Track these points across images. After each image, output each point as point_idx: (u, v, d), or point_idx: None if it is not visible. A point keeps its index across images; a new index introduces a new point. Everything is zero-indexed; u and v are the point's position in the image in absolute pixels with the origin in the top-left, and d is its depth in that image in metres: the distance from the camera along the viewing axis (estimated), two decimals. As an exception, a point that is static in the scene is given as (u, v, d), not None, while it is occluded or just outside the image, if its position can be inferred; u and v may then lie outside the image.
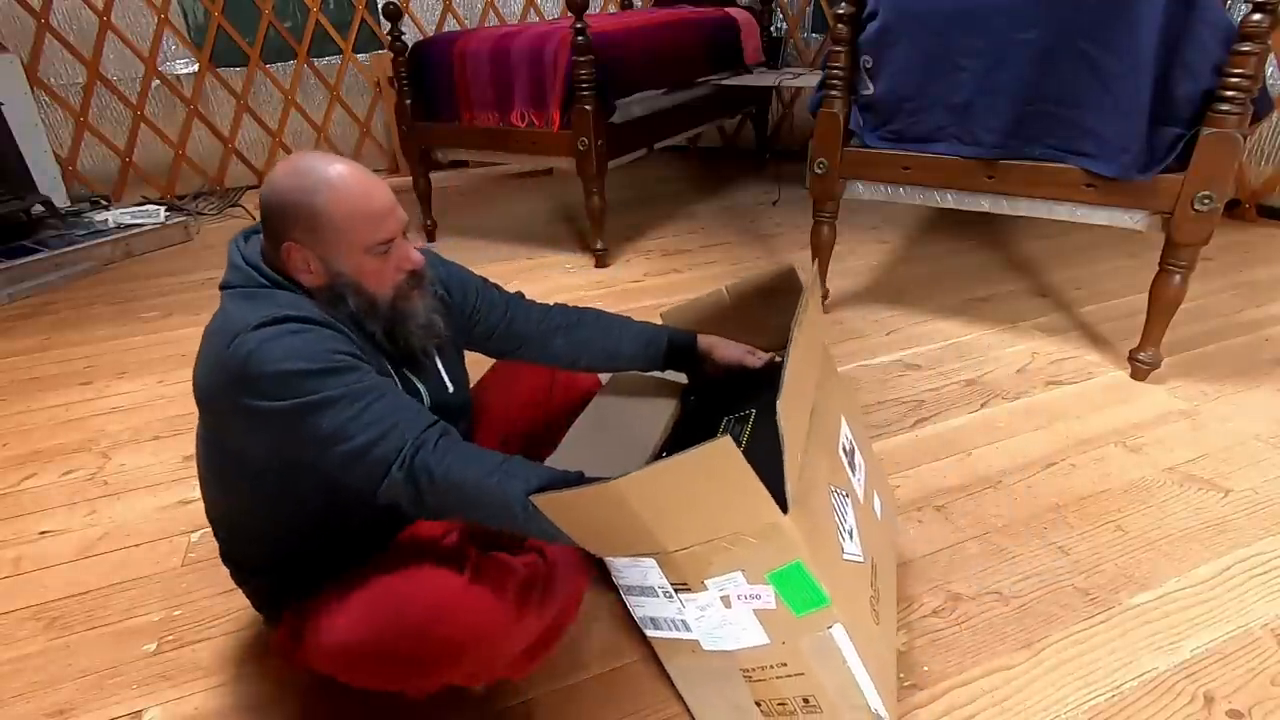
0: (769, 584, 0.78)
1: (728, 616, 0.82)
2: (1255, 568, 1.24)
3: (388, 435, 0.81)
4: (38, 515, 1.52)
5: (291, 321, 0.83)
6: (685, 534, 0.79)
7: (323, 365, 0.81)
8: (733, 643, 0.84)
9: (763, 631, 0.82)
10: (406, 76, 2.81)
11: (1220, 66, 1.50)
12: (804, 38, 3.91)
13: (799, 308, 0.95)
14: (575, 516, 0.82)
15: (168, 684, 1.12)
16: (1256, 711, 1.00)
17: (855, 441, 1.05)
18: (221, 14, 3.56)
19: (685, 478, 0.74)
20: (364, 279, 0.90)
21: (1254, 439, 1.58)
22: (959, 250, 2.75)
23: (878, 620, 0.89)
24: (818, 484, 0.86)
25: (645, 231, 3.14)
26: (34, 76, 3.35)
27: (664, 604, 0.86)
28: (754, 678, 0.87)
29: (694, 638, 0.87)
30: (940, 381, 1.86)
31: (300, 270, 0.89)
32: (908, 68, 1.83)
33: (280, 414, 0.81)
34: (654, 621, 0.89)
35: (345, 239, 0.87)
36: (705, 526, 0.78)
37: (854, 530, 0.91)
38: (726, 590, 0.80)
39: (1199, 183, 1.57)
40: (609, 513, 0.78)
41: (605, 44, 2.50)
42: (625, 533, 0.81)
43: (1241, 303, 2.24)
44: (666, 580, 0.83)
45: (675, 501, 0.76)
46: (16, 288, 2.69)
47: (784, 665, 0.84)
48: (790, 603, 0.79)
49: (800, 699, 0.87)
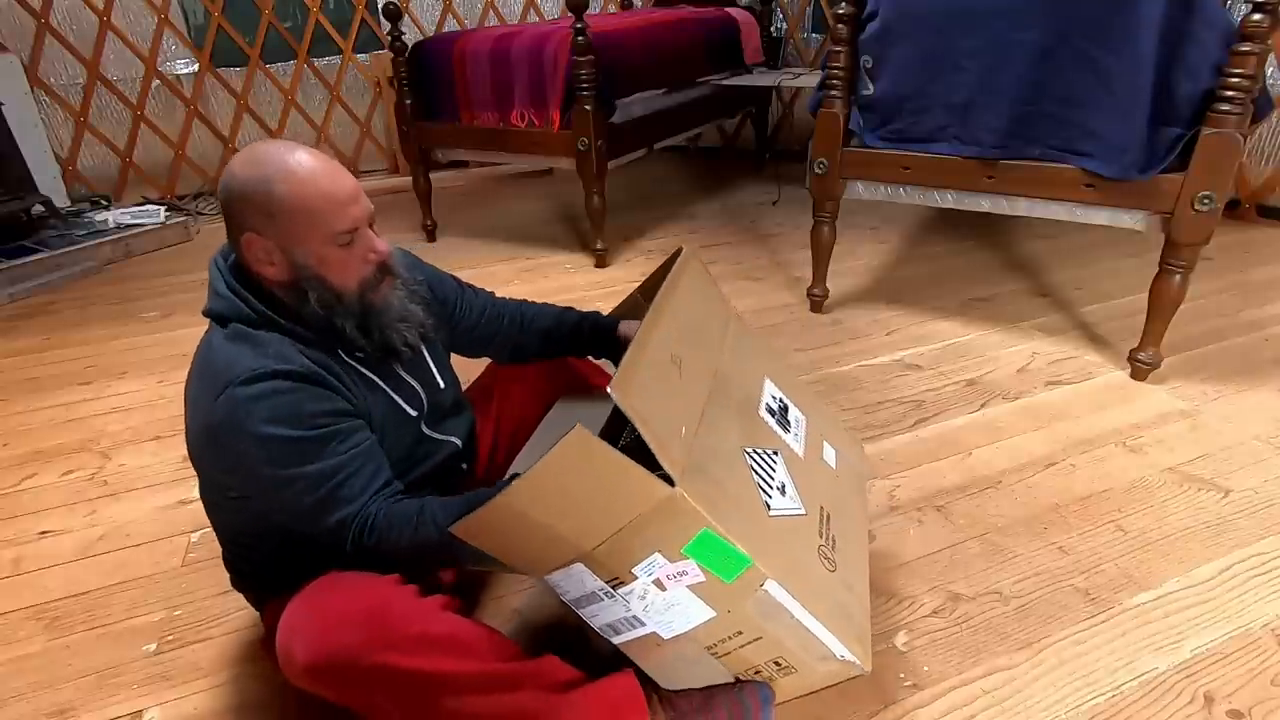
0: (689, 558, 0.78)
1: (668, 599, 0.82)
2: (1255, 568, 1.24)
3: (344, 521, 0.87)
4: (38, 515, 1.52)
5: (279, 378, 0.84)
6: (593, 529, 0.79)
7: (303, 433, 0.84)
8: (685, 623, 0.84)
9: (705, 605, 0.82)
10: (406, 76, 2.81)
11: (1220, 66, 1.50)
12: (804, 38, 3.90)
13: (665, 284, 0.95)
14: (493, 539, 0.84)
15: (168, 684, 1.13)
16: (1256, 711, 1.00)
17: (789, 399, 1.05)
18: (221, 14, 3.56)
19: (563, 475, 0.74)
20: (328, 271, 0.88)
21: (1254, 439, 1.58)
22: (959, 250, 2.75)
23: (833, 567, 0.89)
24: (723, 449, 0.85)
25: (645, 231, 3.14)
26: (34, 76, 3.34)
27: (611, 605, 0.86)
28: (720, 652, 0.87)
29: (652, 630, 0.87)
30: (940, 381, 1.86)
31: (262, 263, 0.87)
32: (908, 68, 1.83)
33: (254, 475, 0.86)
34: (613, 628, 0.89)
35: (305, 228, 0.85)
36: (607, 517, 0.78)
37: (786, 485, 0.91)
38: (655, 574, 0.81)
39: (1199, 183, 1.57)
40: (516, 526, 0.80)
41: (605, 44, 2.50)
42: (542, 543, 0.82)
43: (1241, 303, 2.24)
44: (600, 580, 0.83)
45: (568, 500, 0.77)
46: (16, 288, 2.69)
47: (740, 634, 0.84)
48: (717, 571, 0.79)
49: (772, 663, 0.87)
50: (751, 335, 1.13)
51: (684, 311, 0.95)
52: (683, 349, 0.90)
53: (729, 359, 1.00)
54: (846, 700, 1.04)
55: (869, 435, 1.64)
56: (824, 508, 0.95)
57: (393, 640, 0.79)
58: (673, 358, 0.87)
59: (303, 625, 0.81)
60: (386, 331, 0.94)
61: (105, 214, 3.24)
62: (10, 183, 2.95)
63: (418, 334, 0.99)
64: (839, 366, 1.96)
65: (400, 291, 0.96)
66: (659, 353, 0.85)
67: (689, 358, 0.91)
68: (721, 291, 1.13)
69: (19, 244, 2.89)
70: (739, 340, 1.07)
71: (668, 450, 0.74)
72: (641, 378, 0.79)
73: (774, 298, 2.42)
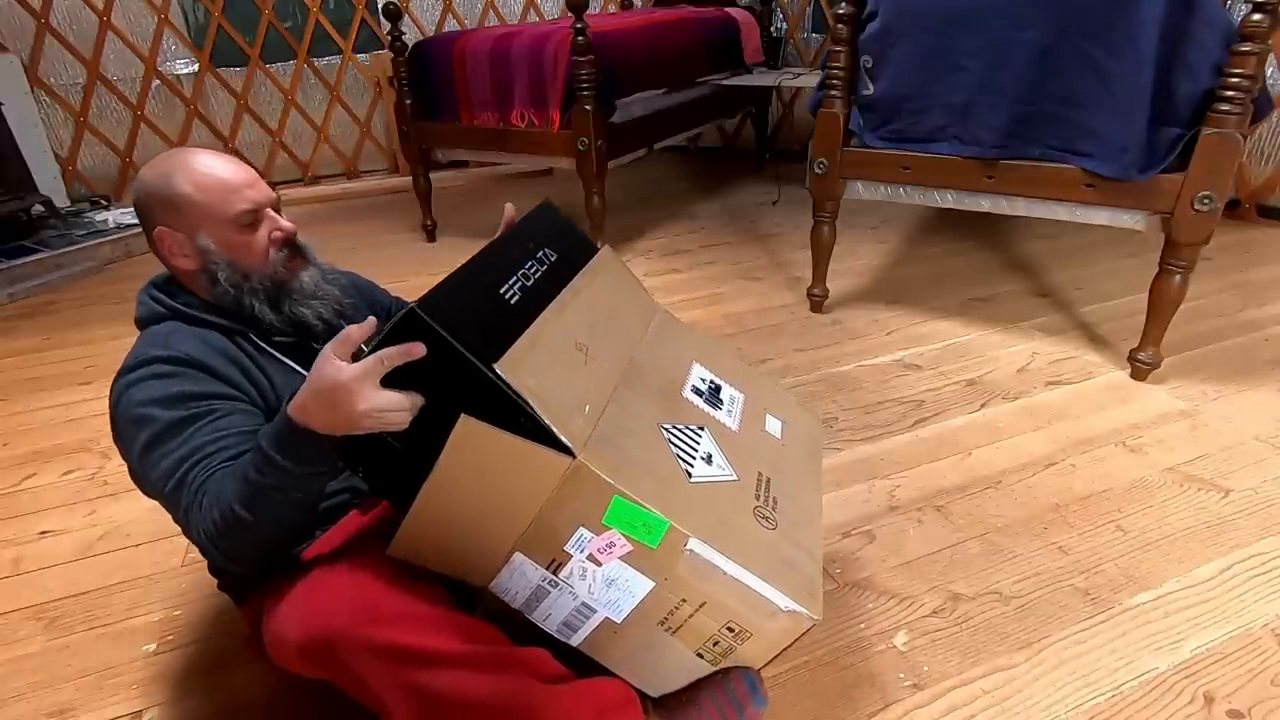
0: (611, 528, 0.80)
1: (606, 574, 0.84)
2: (1255, 568, 1.24)
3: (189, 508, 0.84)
4: (38, 515, 1.52)
5: (158, 363, 0.88)
6: (517, 514, 0.80)
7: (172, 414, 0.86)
8: (630, 599, 0.86)
9: (642, 576, 0.83)
10: (406, 76, 2.81)
11: (1220, 66, 1.50)
12: (804, 38, 3.91)
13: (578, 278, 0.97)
14: (430, 552, 0.85)
15: (167, 684, 1.13)
16: (1256, 711, 1.00)
17: (723, 380, 1.08)
18: (221, 14, 3.56)
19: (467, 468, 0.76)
20: (234, 253, 0.93)
21: (1254, 439, 1.58)
22: (959, 250, 2.76)
23: (773, 525, 0.90)
24: (635, 427, 0.88)
25: (645, 231, 3.14)
26: (34, 76, 3.35)
27: (558, 598, 0.87)
28: (672, 626, 0.88)
29: (603, 616, 0.87)
30: (940, 381, 1.86)
31: (175, 255, 0.93)
32: (908, 68, 1.83)
33: (136, 461, 0.88)
34: (568, 625, 0.89)
35: (204, 213, 0.91)
36: (525, 500, 0.79)
37: (713, 455, 0.93)
38: (586, 548, 0.82)
39: (1199, 183, 1.57)
40: (444, 531, 0.82)
41: (605, 44, 2.50)
42: (475, 541, 0.83)
43: (1241, 303, 2.24)
44: (540, 568, 0.84)
45: (483, 491, 0.79)
46: (16, 288, 2.69)
47: (684, 601, 0.85)
48: (640, 537, 0.81)
49: (725, 629, 0.87)
50: (682, 327, 1.16)
51: (596, 305, 0.98)
52: (591, 339, 0.92)
53: (648, 348, 1.03)
54: (846, 700, 1.05)
55: (869, 435, 1.65)
56: (762, 473, 0.96)
57: (380, 616, 0.80)
58: (577, 345, 0.89)
59: (294, 609, 0.84)
60: (297, 307, 0.98)
61: (105, 214, 3.24)
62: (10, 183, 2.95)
63: (334, 311, 1.01)
64: (839, 366, 1.96)
65: (313, 271, 1.00)
66: (561, 340, 0.87)
67: (598, 347, 0.92)
68: (644, 288, 1.15)
69: (19, 244, 2.89)
70: (663, 331, 1.10)
71: (565, 424, 0.76)
72: (535, 359, 0.80)
73: (774, 298, 2.42)
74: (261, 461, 0.77)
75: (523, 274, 0.89)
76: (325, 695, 1.06)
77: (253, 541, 0.83)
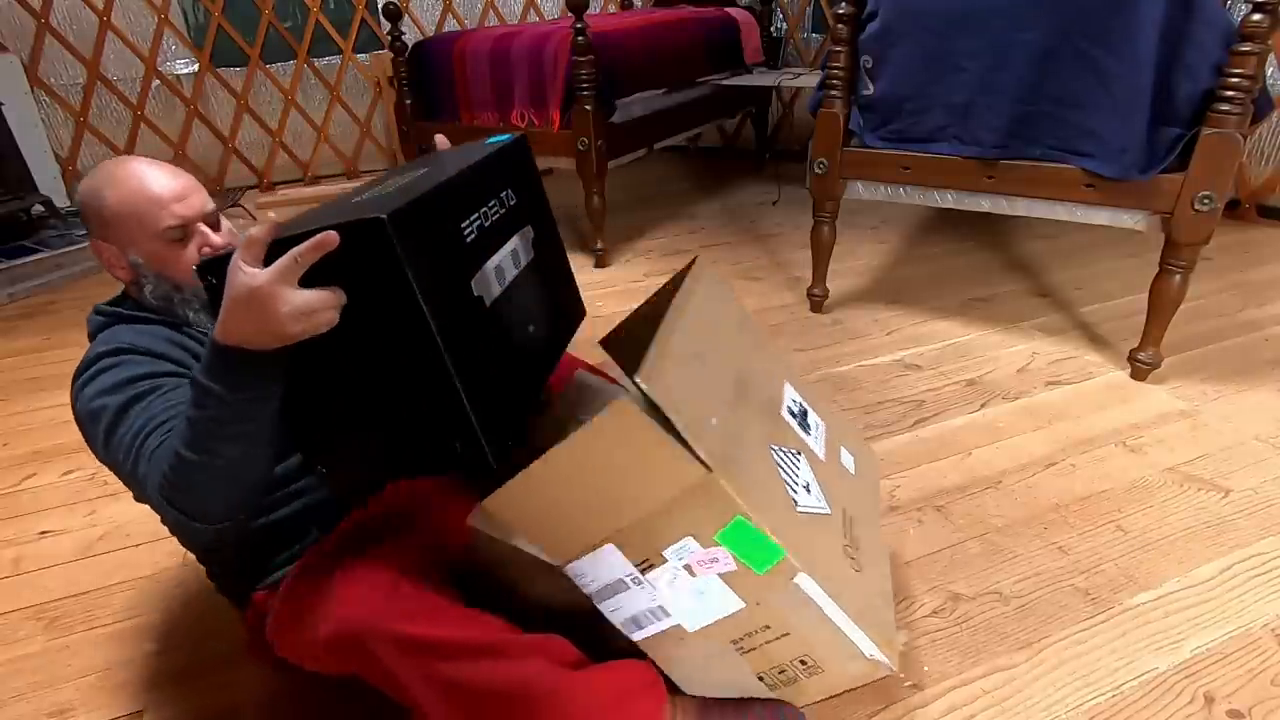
0: (721, 545, 0.78)
1: (697, 586, 0.82)
2: (1255, 568, 1.24)
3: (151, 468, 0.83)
4: (38, 515, 1.52)
5: (103, 358, 0.89)
6: (628, 506, 0.79)
7: (121, 398, 0.86)
8: (711, 614, 0.84)
9: (735, 596, 0.82)
10: (406, 76, 2.81)
11: (1220, 66, 1.50)
12: (804, 38, 3.91)
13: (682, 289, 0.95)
14: (522, 516, 0.82)
15: (167, 684, 1.13)
16: (1257, 711, 1.00)
17: (806, 404, 1.06)
18: (221, 14, 3.56)
19: (603, 447, 0.74)
20: (164, 267, 0.93)
21: (1254, 439, 1.58)
22: (959, 250, 2.75)
23: (858, 567, 0.89)
24: (752, 443, 0.86)
25: (645, 231, 3.14)
26: (34, 76, 3.35)
27: (637, 594, 0.85)
28: (745, 647, 0.87)
29: (676, 622, 0.86)
30: (940, 381, 1.86)
31: (114, 267, 0.95)
32: (908, 68, 1.83)
33: (96, 448, 0.89)
34: (635, 621, 0.88)
35: (132, 227, 0.91)
36: (642, 495, 0.77)
37: (811, 484, 0.91)
38: (685, 558, 0.80)
39: (1199, 183, 1.57)
40: (549, 500, 0.79)
41: (605, 44, 2.50)
42: (574, 518, 0.81)
43: (1241, 303, 2.24)
44: (630, 563, 0.83)
45: (607, 474, 0.76)
46: (16, 288, 2.69)
47: (767, 628, 0.84)
48: (749, 560, 0.79)
49: (797, 661, 0.87)
50: (769, 340, 1.14)
51: (703, 315, 0.95)
52: (704, 349, 0.90)
53: (749, 362, 1.00)
54: (846, 700, 1.04)
55: (869, 435, 1.64)
56: (846, 510, 0.95)
57: (407, 610, 0.81)
58: (695, 354, 0.87)
59: (321, 605, 0.84)
60: None
61: (105, 214, 3.23)
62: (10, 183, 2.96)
63: None
64: (839, 366, 1.96)
65: None
66: (682, 349, 0.85)
67: (711, 358, 0.91)
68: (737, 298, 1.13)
69: (19, 244, 2.89)
70: (757, 344, 1.07)
71: (701, 438, 0.74)
72: (668, 368, 0.78)
73: (774, 298, 2.42)
74: (198, 394, 0.74)
75: (484, 212, 0.85)
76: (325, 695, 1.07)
77: (205, 487, 0.79)
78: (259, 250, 0.69)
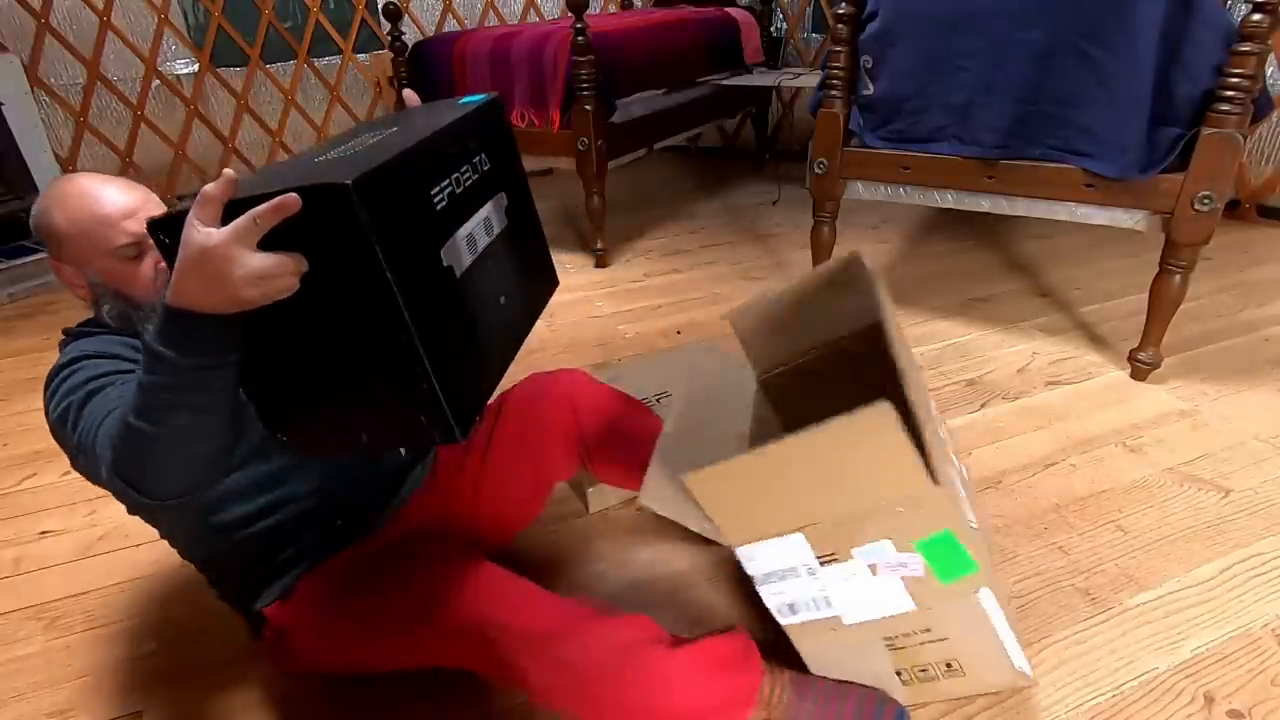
0: (917, 552, 0.79)
1: (873, 585, 0.82)
2: (1255, 568, 1.24)
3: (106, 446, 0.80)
4: (38, 515, 1.52)
5: (64, 368, 0.88)
6: (840, 501, 0.78)
7: (81, 397, 0.84)
8: (876, 612, 0.85)
9: (909, 599, 0.83)
10: (406, 77, 2.81)
11: (1220, 66, 1.50)
12: (804, 38, 3.90)
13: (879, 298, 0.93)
14: (721, 492, 0.80)
15: (167, 684, 1.13)
16: (1257, 711, 1.00)
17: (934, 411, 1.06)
18: (221, 14, 3.56)
19: (843, 443, 0.73)
20: (121, 284, 0.91)
21: (1254, 439, 1.58)
22: (959, 250, 2.75)
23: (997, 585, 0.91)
24: (946, 456, 0.86)
25: (645, 231, 3.14)
26: (34, 76, 3.34)
27: (806, 583, 0.85)
28: (896, 645, 0.88)
29: (835, 614, 0.86)
30: (940, 381, 1.86)
31: (73, 285, 0.93)
32: (908, 68, 1.83)
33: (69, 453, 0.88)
34: (792, 607, 0.88)
35: (87, 248, 0.90)
36: (861, 494, 0.77)
37: (969, 500, 0.92)
38: (874, 560, 0.81)
39: (1199, 183, 1.57)
40: (762, 483, 0.78)
41: (605, 44, 2.50)
42: (775, 505, 0.80)
43: (1241, 303, 2.23)
44: (813, 555, 0.82)
45: (833, 468, 0.76)
46: (16, 288, 2.70)
47: (927, 631, 0.85)
48: (938, 570, 0.80)
49: (943, 664, 0.88)
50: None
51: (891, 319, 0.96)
52: (910, 360, 0.90)
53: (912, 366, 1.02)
54: (846, 700, 1.04)
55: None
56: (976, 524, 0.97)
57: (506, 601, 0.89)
58: (916, 366, 0.90)
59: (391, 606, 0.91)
60: None
61: (105, 214, 3.23)
62: (10, 182, 2.96)
63: None
64: (839, 366, 1.96)
65: None
66: (909, 360, 0.86)
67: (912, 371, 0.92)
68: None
69: (19, 244, 2.89)
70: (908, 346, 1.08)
71: (933, 451, 0.75)
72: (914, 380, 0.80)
73: (774, 298, 2.41)
74: (149, 359, 0.70)
75: (456, 179, 0.80)
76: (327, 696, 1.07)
77: (153, 459, 0.74)
78: (215, 209, 0.65)
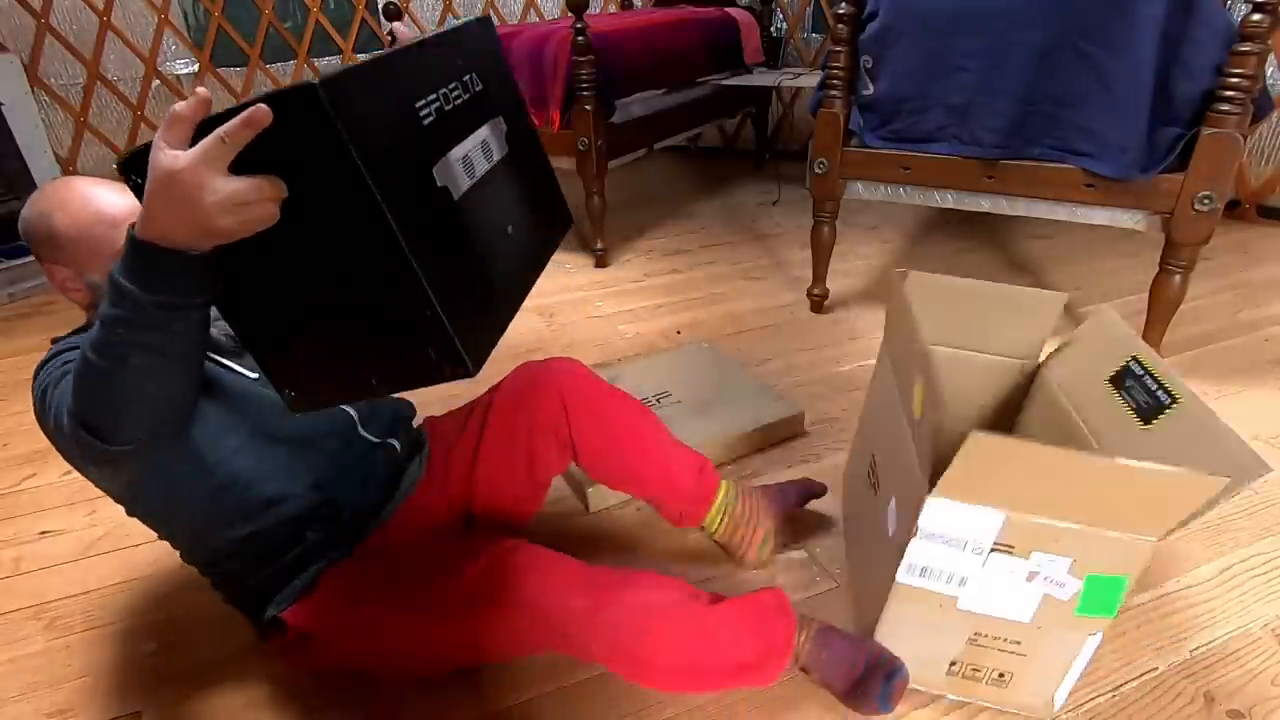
0: (1082, 581, 0.79)
1: (1016, 588, 0.82)
2: (1255, 568, 1.24)
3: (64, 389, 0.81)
4: (38, 515, 1.52)
5: (47, 363, 0.90)
6: (1080, 513, 0.77)
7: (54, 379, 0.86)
8: (994, 610, 0.85)
9: (1032, 612, 0.83)
10: (406, 76, 2.80)
11: (1220, 67, 1.50)
12: (804, 38, 3.90)
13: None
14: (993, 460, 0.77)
15: (167, 684, 1.13)
16: (1256, 711, 1.00)
17: None
18: (221, 14, 3.56)
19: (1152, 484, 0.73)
20: None
21: (1254, 439, 1.58)
22: (959, 250, 2.75)
23: None
24: None
25: (645, 231, 3.14)
26: (34, 76, 3.34)
27: (955, 558, 0.83)
28: (978, 643, 0.88)
29: (956, 595, 0.86)
30: (940, 381, 1.86)
31: (69, 290, 0.93)
32: (908, 68, 1.83)
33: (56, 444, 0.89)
34: (924, 571, 0.86)
35: (88, 252, 0.90)
36: (1099, 513, 0.77)
37: None
38: (1040, 569, 0.80)
39: (1199, 183, 1.57)
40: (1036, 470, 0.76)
41: (605, 44, 2.50)
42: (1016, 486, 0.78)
43: (1241, 303, 2.23)
44: (993, 537, 0.81)
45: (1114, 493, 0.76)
46: (16, 288, 2.69)
47: (1017, 643, 0.85)
48: (1084, 602, 0.80)
49: (997, 673, 0.88)
50: None
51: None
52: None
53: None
54: (846, 700, 1.04)
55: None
56: None
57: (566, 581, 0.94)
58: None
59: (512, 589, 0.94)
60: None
61: (105, 214, 3.23)
62: (10, 182, 2.95)
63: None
64: (839, 367, 1.96)
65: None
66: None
67: None
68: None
69: (19, 244, 2.88)
70: None
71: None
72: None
73: (774, 298, 2.41)
74: (111, 292, 0.66)
75: (444, 94, 0.74)
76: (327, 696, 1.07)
77: (105, 397, 0.71)
78: (184, 130, 0.60)
